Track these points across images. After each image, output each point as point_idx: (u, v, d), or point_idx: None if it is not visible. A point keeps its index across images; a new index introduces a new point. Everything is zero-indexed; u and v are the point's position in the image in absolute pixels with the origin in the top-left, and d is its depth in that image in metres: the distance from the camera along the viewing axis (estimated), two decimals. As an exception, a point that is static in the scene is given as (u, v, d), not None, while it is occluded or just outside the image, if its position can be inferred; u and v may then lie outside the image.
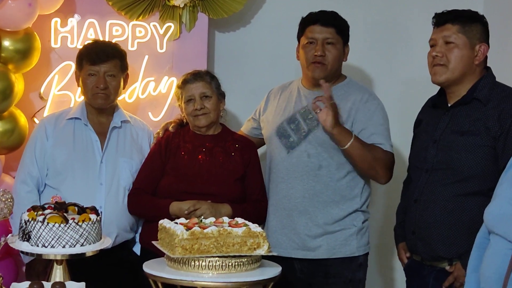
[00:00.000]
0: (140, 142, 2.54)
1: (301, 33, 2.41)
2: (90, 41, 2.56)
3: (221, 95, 2.45)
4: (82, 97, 2.54)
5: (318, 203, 2.34)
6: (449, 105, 2.14)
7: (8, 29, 2.52)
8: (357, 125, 2.34)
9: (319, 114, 2.29)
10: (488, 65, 2.21)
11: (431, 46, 2.15)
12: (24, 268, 2.59)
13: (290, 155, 2.36)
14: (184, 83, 2.42)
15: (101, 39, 2.72)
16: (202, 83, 2.42)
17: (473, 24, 2.11)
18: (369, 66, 3.11)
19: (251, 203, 2.39)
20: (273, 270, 2.04)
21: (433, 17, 2.16)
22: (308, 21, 2.39)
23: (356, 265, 2.38)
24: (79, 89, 2.51)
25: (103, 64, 2.38)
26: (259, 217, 2.37)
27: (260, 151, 2.63)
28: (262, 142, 2.57)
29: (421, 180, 2.10)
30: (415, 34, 3.01)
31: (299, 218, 2.35)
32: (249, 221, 2.18)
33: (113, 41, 2.71)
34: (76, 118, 2.45)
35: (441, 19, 2.14)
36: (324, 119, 2.26)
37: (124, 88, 2.52)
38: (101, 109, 2.43)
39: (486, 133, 2.03)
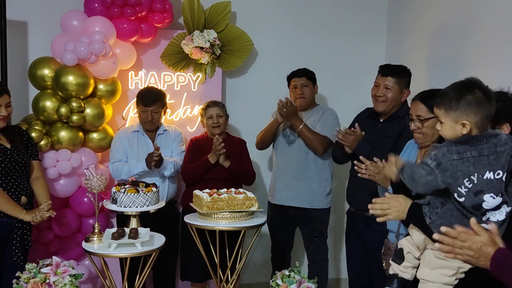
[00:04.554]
0: (174, 139, 2.89)
1: (288, 82, 2.97)
2: (146, 87, 2.89)
3: (227, 115, 2.93)
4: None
5: (308, 173, 2.84)
6: (381, 120, 2.48)
7: (101, 78, 2.91)
8: (319, 123, 2.84)
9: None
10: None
11: (375, 85, 2.46)
12: (112, 220, 3.09)
13: (291, 147, 2.89)
14: (207, 107, 2.89)
15: (155, 85, 3.06)
16: (218, 107, 2.88)
17: (403, 77, 2.43)
18: (333, 95, 3.50)
19: (245, 171, 2.84)
20: (261, 220, 2.44)
21: (380, 67, 2.46)
22: (291, 76, 2.98)
23: (326, 213, 2.93)
24: None
25: (150, 106, 2.75)
26: (247, 178, 2.87)
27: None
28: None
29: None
30: (363, 74, 3.36)
31: (296, 182, 2.85)
32: (241, 176, 2.71)
33: (165, 85, 3.14)
34: (137, 131, 2.89)
35: (385, 72, 2.42)
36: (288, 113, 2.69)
37: (164, 114, 2.91)
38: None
39: (398, 136, 2.34)
